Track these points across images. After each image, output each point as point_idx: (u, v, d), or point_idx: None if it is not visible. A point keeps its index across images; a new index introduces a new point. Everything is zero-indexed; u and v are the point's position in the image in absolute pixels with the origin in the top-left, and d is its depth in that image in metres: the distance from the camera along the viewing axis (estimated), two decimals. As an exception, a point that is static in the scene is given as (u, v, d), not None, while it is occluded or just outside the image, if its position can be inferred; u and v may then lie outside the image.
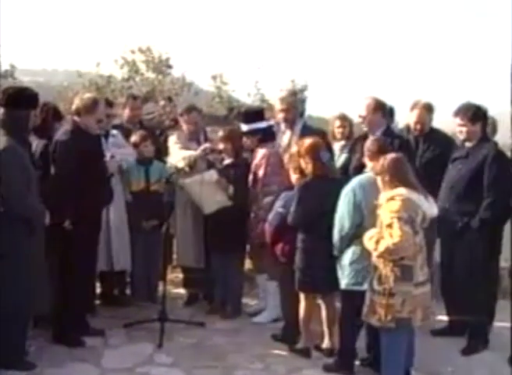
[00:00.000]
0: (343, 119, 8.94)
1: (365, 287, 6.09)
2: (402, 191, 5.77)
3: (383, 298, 5.84)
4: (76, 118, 6.98)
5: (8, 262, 5.96)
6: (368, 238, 5.88)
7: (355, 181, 6.35)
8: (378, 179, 5.96)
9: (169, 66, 14.21)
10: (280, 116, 7.89)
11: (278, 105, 7.88)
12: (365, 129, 7.49)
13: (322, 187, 6.61)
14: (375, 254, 5.84)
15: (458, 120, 7.17)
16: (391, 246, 5.65)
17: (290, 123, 7.76)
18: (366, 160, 6.48)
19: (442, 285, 7.45)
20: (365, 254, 6.06)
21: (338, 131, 8.75)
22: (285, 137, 7.84)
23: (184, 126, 8.38)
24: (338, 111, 9.14)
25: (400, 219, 5.65)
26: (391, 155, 6.01)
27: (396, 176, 5.85)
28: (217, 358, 6.83)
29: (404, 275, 5.78)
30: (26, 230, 6.04)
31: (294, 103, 7.85)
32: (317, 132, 7.80)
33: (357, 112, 7.53)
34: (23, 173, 6.04)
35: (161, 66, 14.15)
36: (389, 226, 5.69)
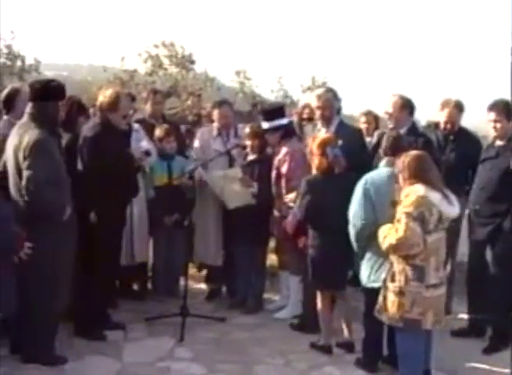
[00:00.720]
0: (368, 115, 8.89)
1: (379, 283, 6.08)
2: (419, 188, 5.71)
3: (394, 296, 5.81)
4: (103, 113, 7.01)
5: (32, 258, 5.95)
6: (381, 232, 5.85)
7: (367, 177, 6.30)
8: (400, 176, 5.92)
9: (192, 62, 14.20)
10: (317, 113, 7.80)
11: (315, 102, 7.78)
12: (391, 126, 7.44)
13: (327, 182, 6.64)
14: (382, 248, 5.81)
15: (492, 116, 7.03)
16: (393, 241, 5.63)
17: (327, 120, 7.66)
18: (381, 155, 6.48)
19: (468, 285, 7.40)
20: (382, 251, 6.00)
21: (363, 127, 8.71)
22: (320, 134, 7.77)
23: (215, 120, 8.37)
24: (364, 107, 9.10)
25: (408, 215, 5.59)
26: (413, 152, 5.96)
27: (415, 174, 5.79)
28: (238, 353, 6.83)
29: (416, 275, 5.73)
30: (48, 226, 6.04)
31: (331, 100, 7.74)
32: (353, 130, 7.77)
33: (384, 108, 7.48)
34: (52, 166, 6.04)
35: (184, 61, 14.15)
36: (398, 221, 5.66)
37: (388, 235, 5.71)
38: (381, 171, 6.32)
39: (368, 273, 6.29)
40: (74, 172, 6.64)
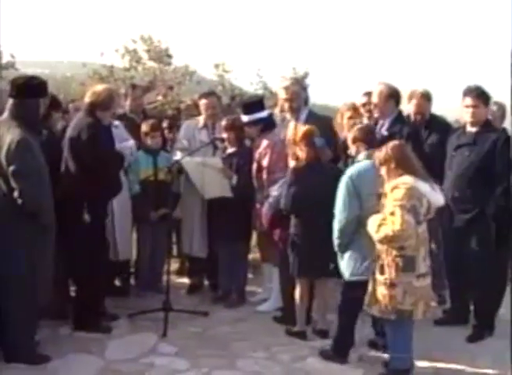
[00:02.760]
0: (354, 110, 8.90)
1: (365, 277, 6.09)
2: (407, 179, 5.71)
3: (385, 289, 5.81)
4: (92, 111, 7.00)
5: (7, 257, 5.98)
6: (372, 222, 5.82)
7: (352, 171, 6.28)
8: (383, 168, 5.90)
9: (169, 56, 14.14)
10: (285, 105, 7.81)
11: (282, 95, 7.80)
12: (376, 115, 7.43)
13: (314, 172, 6.68)
14: (375, 238, 5.79)
15: (468, 101, 7.01)
16: (390, 233, 5.61)
17: (295, 111, 7.68)
18: (353, 149, 6.50)
19: (448, 273, 7.40)
20: (367, 244, 6.02)
21: (349, 123, 8.67)
22: (290, 125, 7.78)
23: (202, 111, 8.37)
24: (347, 100, 9.04)
25: (402, 207, 5.59)
26: (394, 143, 5.98)
27: (401, 164, 5.79)
28: (221, 348, 6.81)
29: (406, 266, 5.75)
30: (36, 226, 6.04)
31: (298, 92, 7.77)
32: (322, 119, 7.76)
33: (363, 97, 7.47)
34: (36, 165, 6.02)
35: (163, 56, 14.08)
36: (392, 214, 5.64)
37: (382, 225, 5.68)
38: (364, 164, 6.29)
39: (352, 265, 6.30)
40: (53, 171, 6.57)
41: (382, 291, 5.84)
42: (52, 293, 6.49)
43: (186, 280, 8.76)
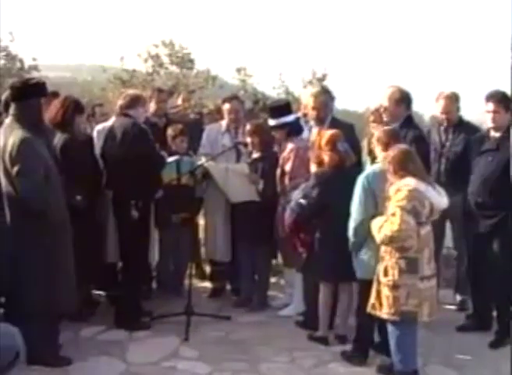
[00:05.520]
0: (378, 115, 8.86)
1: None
2: (409, 181, 5.72)
3: (388, 290, 5.81)
4: (125, 113, 7.28)
5: (28, 259, 6.01)
6: (374, 224, 5.86)
7: (369, 170, 6.34)
8: (387, 171, 5.92)
9: (190, 61, 14.21)
10: (312, 113, 7.79)
11: (310, 102, 7.78)
12: (385, 119, 7.39)
13: (339, 177, 6.66)
14: (377, 240, 5.82)
15: (490, 106, 6.97)
16: (388, 233, 5.63)
17: (321, 121, 7.67)
18: (377, 151, 6.44)
19: (471, 279, 7.36)
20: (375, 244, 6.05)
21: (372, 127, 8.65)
22: (314, 131, 7.75)
23: (225, 115, 8.38)
24: (367, 105, 9.03)
25: (402, 208, 5.61)
26: (398, 146, 5.99)
27: (403, 167, 5.81)
28: (243, 352, 6.80)
29: (409, 267, 5.74)
30: (44, 226, 6.04)
31: (326, 101, 7.75)
32: (345, 125, 7.73)
33: (379, 100, 7.43)
34: (41, 165, 6.02)
35: (184, 60, 14.16)
36: (393, 215, 5.66)
37: (383, 227, 5.71)
38: (381, 166, 6.29)
39: (366, 265, 6.30)
40: (70, 171, 6.60)
41: (385, 293, 5.84)
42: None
43: (207, 285, 8.75)
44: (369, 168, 6.42)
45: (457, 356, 6.65)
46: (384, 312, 5.88)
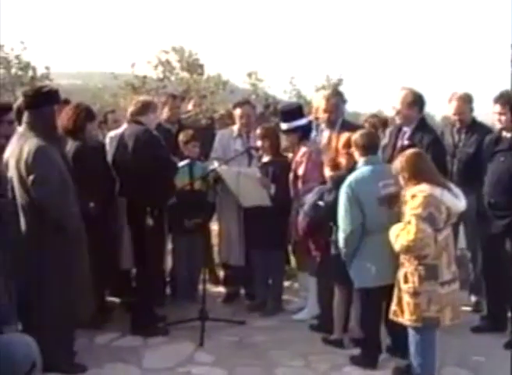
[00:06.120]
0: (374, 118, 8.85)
1: (373, 285, 6.18)
2: (424, 187, 5.70)
3: (409, 297, 5.81)
4: (136, 120, 7.29)
5: (43, 270, 6.03)
6: (392, 232, 5.83)
7: (351, 179, 6.29)
8: (400, 177, 5.91)
9: (200, 66, 14.24)
10: (323, 115, 7.78)
11: (322, 105, 7.77)
12: (398, 122, 7.38)
13: None
14: (395, 249, 5.80)
15: (498, 108, 6.98)
16: (405, 243, 5.62)
17: (332, 123, 7.67)
18: (356, 156, 6.46)
19: (485, 280, 7.35)
20: (375, 252, 6.11)
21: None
22: (324, 134, 7.75)
23: (236, 120, 8.39)
24: (378, 108, 9.04)
25: (418, 216, 5.59)
26: (408, 152, 5.99)
27: (417, 173, 5.80)
28: (258, 356, 6.80)
29: (429, 274, 5.74)
30: (60, 235, 6.05)
31: (338, 104, 7.73)
32: (356, 128, 7.71)
33: (392, 103, 7.42)
34: (56, 173, 6.03)
35: (194, 66, 14.20)
36: (409, 223, 5.64)
37: (399, 236, 5.70)
38: (363, 170, 6.31)
39: (360, 274, 6.34)
40: (83, 178, 6.54)
41: (406, 300, 5.84)
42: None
43: (221, 289, 8.75)
44: (351, 175, 6.35)
45: (472, 357, 6.63)
46: (406, 319, 5.88)
